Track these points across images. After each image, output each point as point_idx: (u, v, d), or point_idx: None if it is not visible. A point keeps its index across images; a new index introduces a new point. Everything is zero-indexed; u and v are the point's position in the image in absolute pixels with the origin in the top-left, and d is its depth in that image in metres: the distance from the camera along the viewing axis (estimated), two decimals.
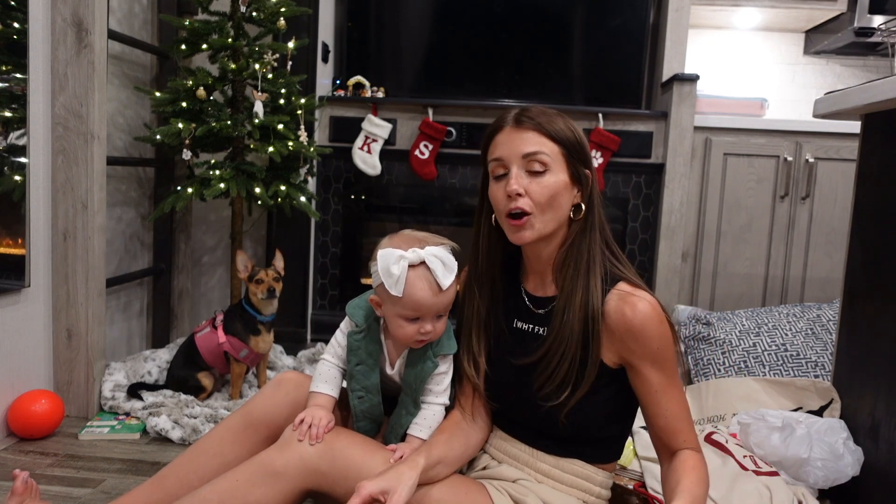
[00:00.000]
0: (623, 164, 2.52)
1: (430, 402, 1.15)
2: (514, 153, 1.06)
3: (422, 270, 1.05)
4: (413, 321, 1.08)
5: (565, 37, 2.66)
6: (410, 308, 1.06)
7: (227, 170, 2.01)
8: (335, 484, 1.04)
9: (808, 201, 2.48)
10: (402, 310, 1.07)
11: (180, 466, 1.18)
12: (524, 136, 1.06)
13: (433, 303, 1.06)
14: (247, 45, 2.05)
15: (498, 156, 1.08)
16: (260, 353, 2.01)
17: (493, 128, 1.11)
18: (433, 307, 1.07)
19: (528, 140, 1.06)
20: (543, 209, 1.05)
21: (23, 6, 1.69)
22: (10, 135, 1.68)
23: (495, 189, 1.08)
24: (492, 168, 1.09)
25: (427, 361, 1.13)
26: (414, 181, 2.59)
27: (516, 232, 1.07)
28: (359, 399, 1.17)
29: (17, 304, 1.74)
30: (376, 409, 1.18)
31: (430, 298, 1.06)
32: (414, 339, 1.10)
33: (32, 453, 1.65)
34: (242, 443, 1.18)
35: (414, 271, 1.05)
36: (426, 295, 1.05)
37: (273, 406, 1.19)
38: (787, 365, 1.98)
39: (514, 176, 1.05)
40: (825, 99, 1.63)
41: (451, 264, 1.08)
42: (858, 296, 1.57)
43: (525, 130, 1.06)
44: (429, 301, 1.06)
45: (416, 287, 1.05)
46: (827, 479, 1.46)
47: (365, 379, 1.16)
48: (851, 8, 2.64)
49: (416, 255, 1.05)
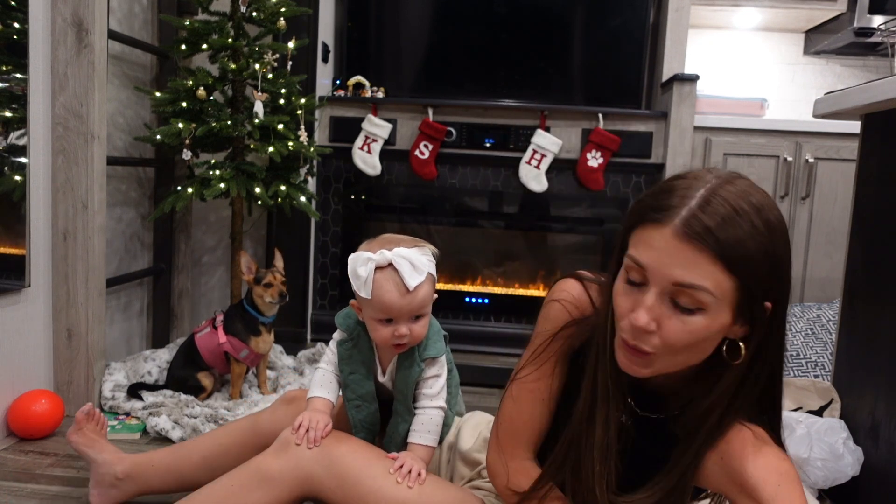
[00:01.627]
0: (623, 164, 2.52)
1: (425, 406, 1.14)
2: (664, 274, 0.75)
3: (389, 272, 1.05)
4: (386, 323, 1.07)
5: (565, 37, 2.66)
6: (380, 310, 1.06)
7: (227, 170, 2.01)
8: (332, 492, 1.03)
9: (808, 201, 2.48)
10: (373, 312, 1.07)
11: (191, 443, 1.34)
12: (687, 256, 0.73)
13: (402, 304, 1.05)
14: (247, 45, 2.05)
15: (642, 261, 0.77)
16: (260, 353, 2.01)
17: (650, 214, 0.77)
18: (403, 308, 1.05)
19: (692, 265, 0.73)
20: (675, 353, 0.78)
21: (23, 6, 1.69)
22: (10, 135, 1.68)
23: (622, 293, 0.80)
24: (627, 263, 0.80)
25: (414, 366, 1.12)
26: (414, 181, 2.59)
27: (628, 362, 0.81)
28: (356, 408, 1.16)
29: (17, 304, 1.74)
30: (374, 418, 1.17)
31: (399, 300, 1.04)
32: (391, 343, 1.08)
33: (32, 453, 1.65)
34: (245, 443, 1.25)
35: (381, 273, 1.05)
36: (394, 297, 1.04)
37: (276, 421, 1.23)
38: (787, 365, 1.98)
39: (650, 305, 0.76)
40: (825, 99, 1.63)
41: (421, 266, 1.05)
42: (858, 296, 1.57)
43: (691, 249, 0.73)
44: (397, 302, 1.04)
45: (384, 289, 1.04)
46: (827, 479, 1.46)
47: (360, 388, 1.15)
48: (851, 8, 2.63)
49: (382, 256, 1.04)
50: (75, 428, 1.37)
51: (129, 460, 1.32)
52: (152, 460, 1.32)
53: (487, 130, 2.52)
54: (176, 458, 1.31)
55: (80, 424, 1.37)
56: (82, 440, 1.36)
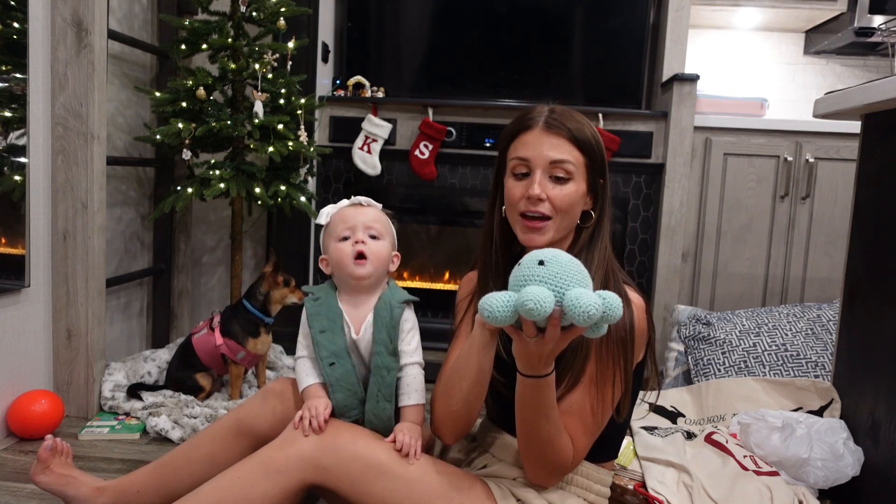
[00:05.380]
0: (623, 164, 2.52)
1: (406, 362, 1.20)
2: (542, 157, 1.07)
3: (348, 206, 1.27)
4: (346, 240, 1.22)
5: (565, 37, 2.66)
6: (340, 223, 1.23)
7: (227, 170, 2.01)
8: (339, 480, 1.04)
9: (808, 201, 2.48)
10: (334, 232, 1.23)
11: (176, 458, 1.24)
12: (554, 141, 1.07)
13: (356, 212, 1.24)
14: (247, 45, 2.05)
15: (523, 156, 1.09)
16: (259, 354, 2.01)
17: (521, 126, 1.11)
18: (358, 216, 1.23)
19: (558, 147, 1.07)
20: (562, 216, 1.08)
21: (23, 6, 1.69)
22: (10, 135, 1.68)
23: (513, 186, 1.10)
24: (512, 165, 1.11)
25: (392, 309, 1.20)
26: (414, 181, 2.59)
27: (530, 234, 1.09)
28: (331, 367, 1.18)
29: (17, 304, 1.74)
30: (352, 377, 1.18)
31: (354, 211, 1.24)
32: (353, 258, 1.20)
33: (32, 453, 1.65)
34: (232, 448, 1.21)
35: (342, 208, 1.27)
36: (350, 210, 1.25)
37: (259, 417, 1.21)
38: (787, 365, 1.98)
39: (539, 180, 1.06)
40: (825, 99, 1.63)
41: (374, 202, 1.27)
42: (858, 296, 1.57)
43: (555, 136, 1.07)
44: (353, 212, 1.24)
45: (341, 207, 1.26)
46: (827, 479, 1.46)
47: (331, 344, 1.19)
48: (851, 8, 2.63)
49: (341, 202, 1.28)
50: (41, 467, 1.24)
51: (112, 490, 1.23)
52: (136, 486, 1.22)
53: (487, 130, 2.52)
54: (163, 480, 1.22)
55: (47, 462, 1.24)
56: (52, 479, 1.24)
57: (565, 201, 1.07)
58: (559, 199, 1.07)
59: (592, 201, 1.12)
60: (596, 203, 1.12)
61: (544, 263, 0.86)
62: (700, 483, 1.44)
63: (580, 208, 1.10)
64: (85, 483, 1.25)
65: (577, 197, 1.08)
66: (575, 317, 0.81)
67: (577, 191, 1.08)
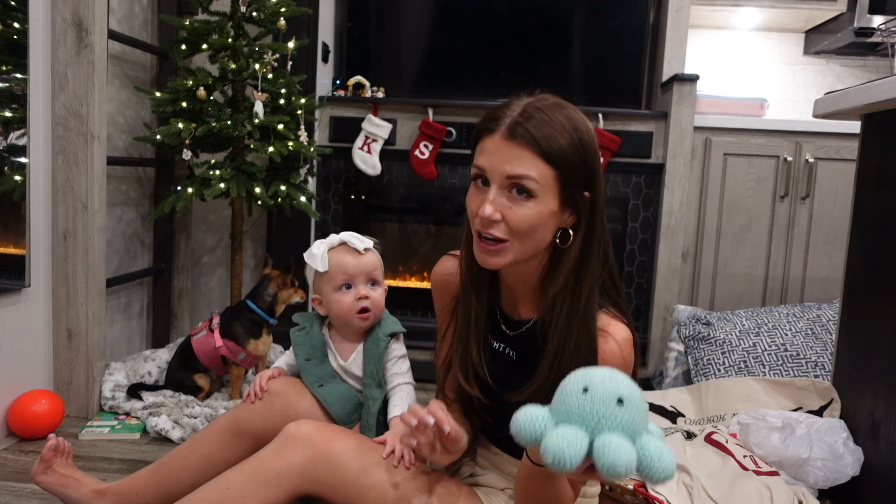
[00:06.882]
0: (623, 164, 2.52)
1: (398, 383, 1.22)
2: (498, 171, 0.91)
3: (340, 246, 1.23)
4: (347, 289, 1.19)
5: (565, 37, 2.66)
6: (339, 272, 1.19)
7: (227, 170, 2.01)
8: (332, 491, 1.04)
9: (808, 201, 2.48)
10: (332, 281, 1.20)
11: (173, 461, 1.24)
12: (515, 152, 0.90)
13: (356, 263, 1.20)
14: (247, 45, 2.05)
15: (480, 164, 0.94)
16: (259, 355, 2.01)
17: (483, 128, 0.95)
18: (359, 267, 1.20)
19: (518, 159, 0.90)
20: (522, 238, 0.93)
21: (23, 6, 1.69)
22: (10, 135, 1.68)
23: (471, 197, 0.97)
24: (472, 172, 0.96)
25: (380, 342, 1.21)
26: (414, 181, 2.59)
27: (484, 255, 0.95)
28: (320, 388, 1.21)
29: (17, 304, 1.74)
30: (344, 390, 1.22)
31: (353, 260, 1.20)
32: (355, 311, 1.18)
33: (32, 453, 1.65)
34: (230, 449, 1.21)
35: (334, 249, 1.23)
36: (348, 258, 1.20)
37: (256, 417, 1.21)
38: (787, 365, 1.98)
39: (492, 198, 0.91)
40: (825, 99, 1.63)
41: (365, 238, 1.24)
42: (858, 296, 1.57)
43: (517, 146, 0.90)
44: (352, 262, 1.20)
45: (339, 254, 1.21)
46: (827, 479, 1.46)
47: (317, 370, 1.22)
48: (851, 8, 2.63)
49: (331, 238, 1.23)
50: (43, 467, 1.25)
51: (112, 493, 1.23)
52: (135, 489, 1.23)
53: None
54: (162, 482, 1.22)
55: (50, 462, 1.25)
56: (54, 479, 1.25)
57: (524, 223, 0.91)
58: (516, 221, 0.91)
59: (574, 218, 0.96)
60: (579, 220, 0.95)
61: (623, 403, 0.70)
62: (700, 483, 1.44)
63: (548, 229, 0.94)
64: (85, 485, 1.25)
65: (541, 218, 0.92)
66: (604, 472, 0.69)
67: (541, 211, 0.91)
